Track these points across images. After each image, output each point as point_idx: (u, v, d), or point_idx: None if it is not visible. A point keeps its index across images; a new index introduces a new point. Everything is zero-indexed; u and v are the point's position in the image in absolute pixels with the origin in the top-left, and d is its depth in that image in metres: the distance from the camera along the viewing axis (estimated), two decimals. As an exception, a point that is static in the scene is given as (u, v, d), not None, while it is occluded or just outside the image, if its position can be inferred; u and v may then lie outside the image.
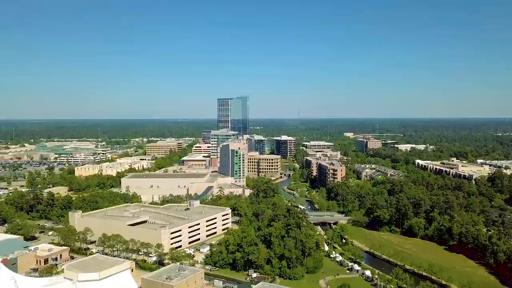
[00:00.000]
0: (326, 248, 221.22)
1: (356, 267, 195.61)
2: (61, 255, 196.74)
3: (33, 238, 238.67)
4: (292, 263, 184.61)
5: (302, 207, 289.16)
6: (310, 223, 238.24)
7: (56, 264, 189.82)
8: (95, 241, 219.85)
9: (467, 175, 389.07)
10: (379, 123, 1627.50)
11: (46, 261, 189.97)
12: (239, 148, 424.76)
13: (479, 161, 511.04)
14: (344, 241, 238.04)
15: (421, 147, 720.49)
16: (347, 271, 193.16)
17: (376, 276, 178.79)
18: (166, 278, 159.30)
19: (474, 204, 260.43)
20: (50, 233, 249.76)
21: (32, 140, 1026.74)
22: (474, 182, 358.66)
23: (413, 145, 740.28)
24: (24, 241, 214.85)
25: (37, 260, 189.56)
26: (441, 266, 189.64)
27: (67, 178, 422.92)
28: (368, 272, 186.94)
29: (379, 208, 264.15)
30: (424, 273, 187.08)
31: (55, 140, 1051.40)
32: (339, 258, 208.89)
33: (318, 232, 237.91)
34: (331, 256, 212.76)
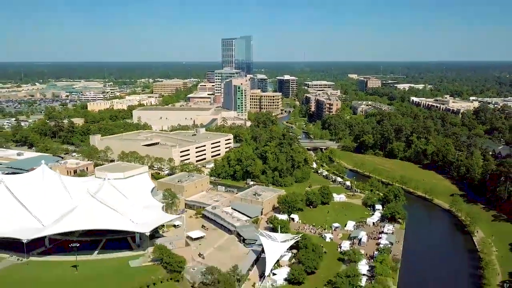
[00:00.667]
0: (315, 165, 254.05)
1: (339, 179, 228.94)
2: (87, 168, 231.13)
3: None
4: (283, 173, 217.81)
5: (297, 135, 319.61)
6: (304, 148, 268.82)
7: (84, 175, 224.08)
8: (114, 160, 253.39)
9: (455, 109, 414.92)
10: (384, 66, 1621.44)
11: (75, 171, 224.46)
12: (241, 84, 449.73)
13: (471, 98, 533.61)
14: (333, 162, 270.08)
15: (420, 86, 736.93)
16: (331, 183, 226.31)
17: (354, 184, 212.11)
18: (178, 181, 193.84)
19: (450, 131, 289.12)
20: (73, 154, 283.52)
21: (41, 81, 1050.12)
22: (460, 115, 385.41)
23: (412, 85, 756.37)
24: (54, 157, 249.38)
25: (67, 171, 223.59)
26: (412, 179, 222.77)
27: (81, 112, 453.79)
28: (348, 183, 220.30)
29: (366, 134, 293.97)
30: (396, 184, 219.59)
31: (63, 80, 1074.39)
32: (325, 173, 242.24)
33: (308, 154, 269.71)
34: (319, 171, 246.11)
